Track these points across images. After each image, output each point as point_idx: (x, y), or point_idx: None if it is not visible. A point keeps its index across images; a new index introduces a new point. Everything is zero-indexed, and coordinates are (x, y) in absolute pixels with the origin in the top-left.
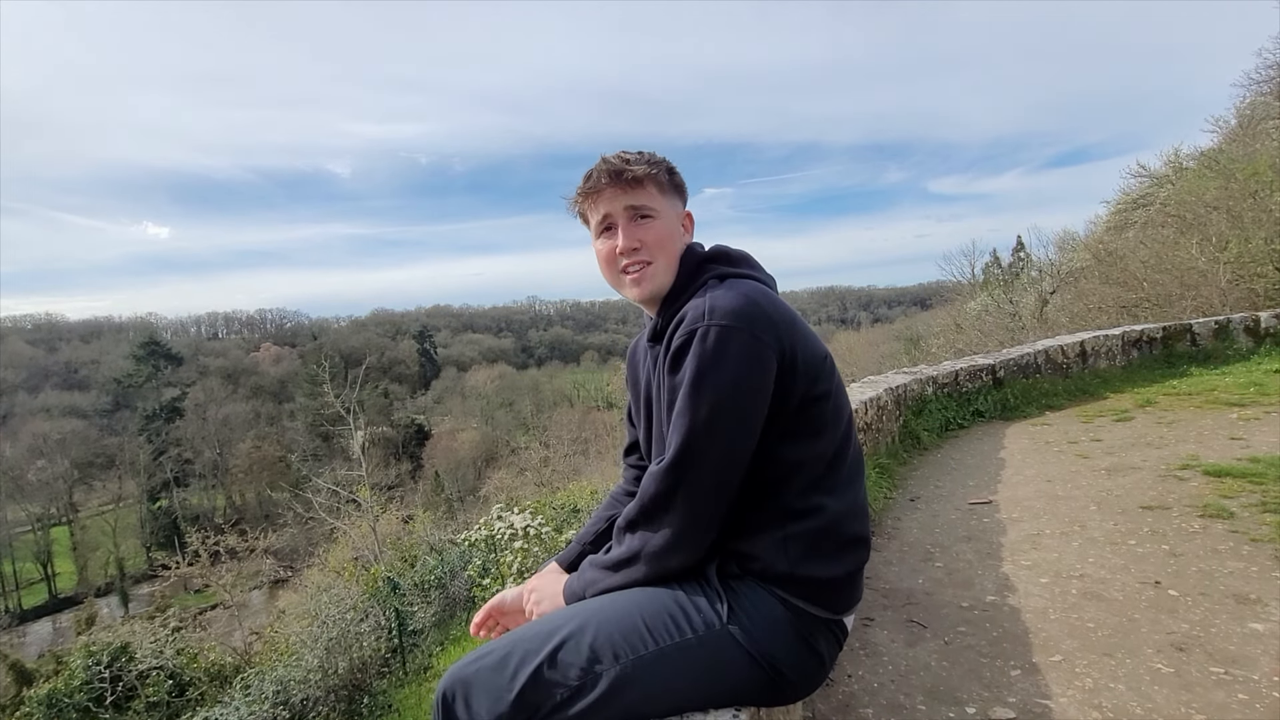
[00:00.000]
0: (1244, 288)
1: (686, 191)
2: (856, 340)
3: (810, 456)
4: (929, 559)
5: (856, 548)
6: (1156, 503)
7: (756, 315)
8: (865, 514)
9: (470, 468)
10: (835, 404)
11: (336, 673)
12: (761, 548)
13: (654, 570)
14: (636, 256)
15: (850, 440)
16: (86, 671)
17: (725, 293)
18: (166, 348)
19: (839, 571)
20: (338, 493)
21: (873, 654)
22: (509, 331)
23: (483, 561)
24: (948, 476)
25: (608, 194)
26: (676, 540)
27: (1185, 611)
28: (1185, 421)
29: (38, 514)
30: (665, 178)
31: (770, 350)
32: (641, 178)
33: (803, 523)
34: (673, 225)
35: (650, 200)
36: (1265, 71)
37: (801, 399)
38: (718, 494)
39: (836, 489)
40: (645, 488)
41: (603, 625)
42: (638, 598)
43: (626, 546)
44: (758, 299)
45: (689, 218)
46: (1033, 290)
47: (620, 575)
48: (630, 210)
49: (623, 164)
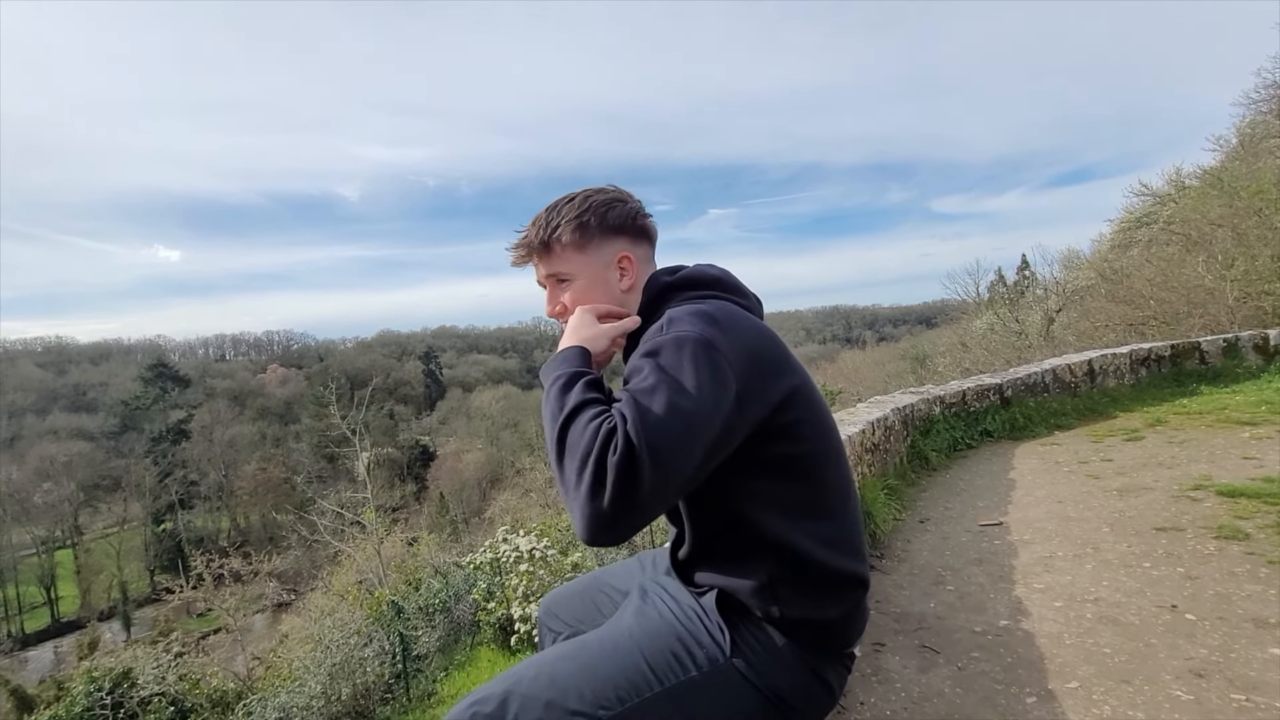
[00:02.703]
0: (1251, 305)
1: (630, 225)
2: (862, 359)
3: (781, 489)
4: (940, 582)
5: (849, 586)
6: (1170, 524)
7: (715, 329)
8: (856, 548)
9: (475, 489)
10: (811, 432)
11: (340, 699)
12: (748, 593)
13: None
14: (564, 319)
15: (835, 469)
16: (88, 698)
17: (684, 309)
18: (174, 370)
19: (834, 614)
20: (342, 515)
21: (884, 680)
22: (514, 352)
23: (488, 585)
24: (957, 498)
25: (534, 262)
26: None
27: (1203, 636)
28: (1197, 441)
29: (42, 537)
30: (579, 233)
31: (729, 364)
32: (550, 243)
33: (785, 562)
34: (593, 281)
35: (563, 264)
36: (1265, 91)
37: (765, 424)
38: (663, 472)
39: (819, 524)
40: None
41: (604, 668)
42: (638, 637)
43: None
44: (715, 314)
45: (627, 258)
46: (1038, 308)
47: (553, 423)
48: (549, 278)
49: (534, 233)
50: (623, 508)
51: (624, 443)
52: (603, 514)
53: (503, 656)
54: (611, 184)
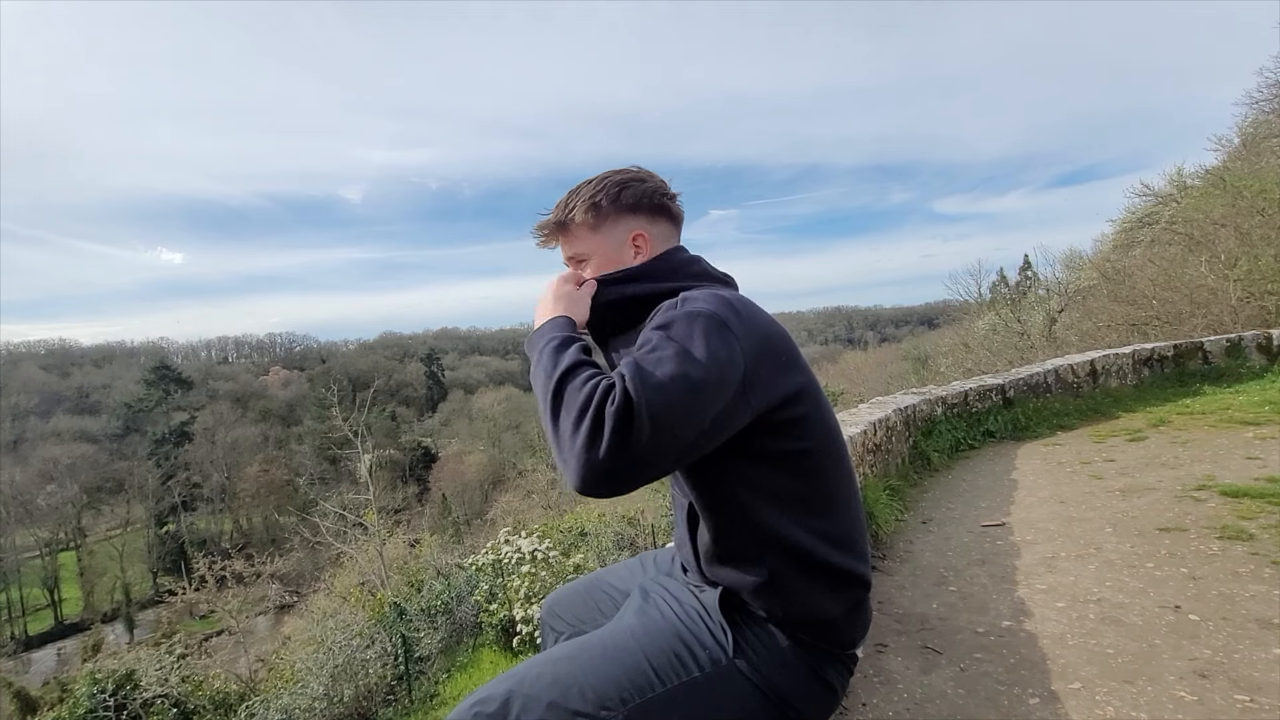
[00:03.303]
0: (1255, 305)
1: (646, 203)
2: (864, 360)
3: (783, 485)
4: (942, 583)
5: (851, 583)
6: (1173, 524)
7: (730, 313)
8: (858, 547)
9: (477, 490)
10: (816, 430)
11: (342, 700)
12: (751, 590)
13: (564, 446)
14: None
15: (838, 468)
16: (91, 700)
17: (700, 291)
18: (177, 372)
19: (835, 611)
20: (344, 516)
21: (887, 681)
22: (516, 353)
23: (490, 586)
24: (959, 498)
25: (556, 242)
26: (590, 442)
27: (1207, 637)
28: (1200, 441)
29: (46, 539)
30: (591, 214)
31: (739, 346)
32: (567, 223)
33: (784, 557)
34: (606, 260)
35: (581, 245)
36: (1267, 90)
37: (769, 415)
38: (663, 434)
39: (821, 520)
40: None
41: (607, 668)
42: (640, 637)
43: (565, 418)
44: (732, 300)
45: (641, 236)
46: (1041, 309)
47: (547, 379)
48: (570, 260)
49: (553, 214)
50: (621, 460)
51: (622, 396)
52: (597, 463)
53: (505, 658)
54: (634, 165)
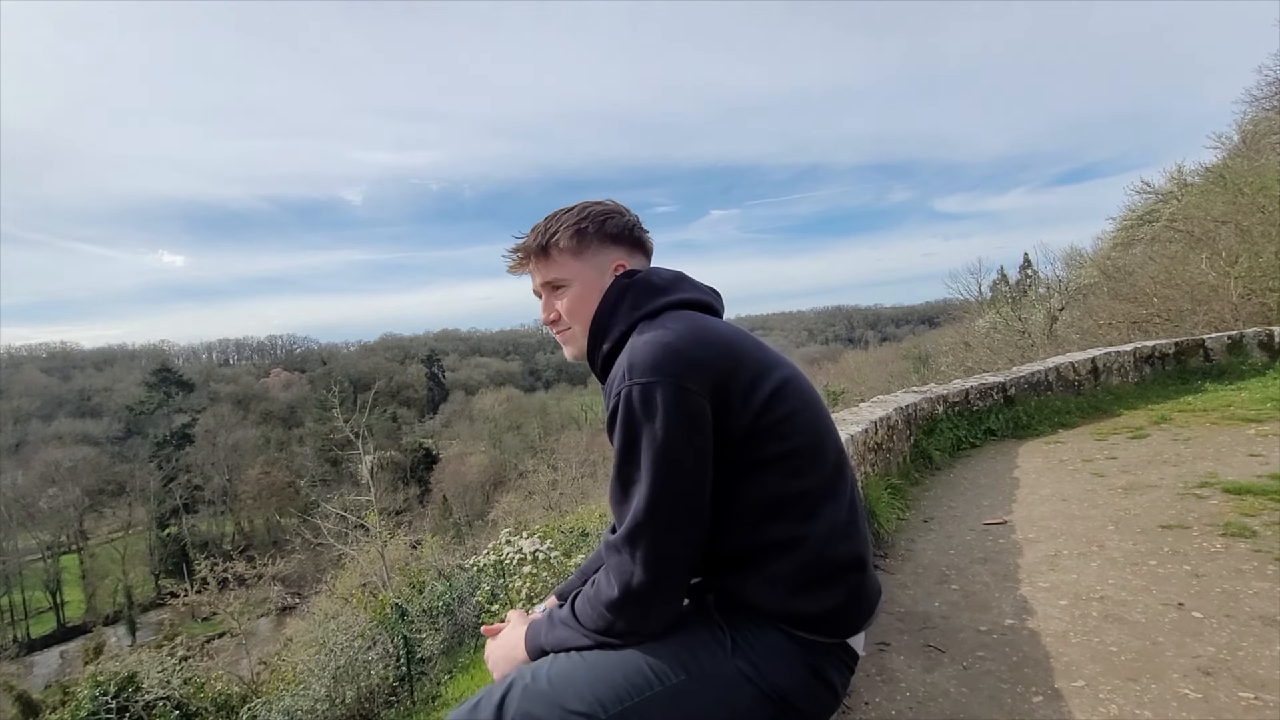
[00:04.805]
0: (1256, 302)
1: (627, 236)
2: (864, 359)
3: (776, 486)
4: (945, 581)
5: (849, 571)
6: (1176, 522)
7: (677, 362)
8: (854, 532)
9: (478, 491)
10: (800, 424)
11: (344, 702)
12: (750, 589)
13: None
14: (557, 327)
15: (826, 458)
16: (93, 702)
17: (642, 341)
18: (178, 375)
19: (834, 601)
20: (346, 518)
21: (889, 680)
22: (516, 354)
23: (491, 587)
24: (961, 496)
25: (531, 267)
26: (645, 609)
27: (1210, 634)
28: (1202, 438)
29: (48, 542)
30: (576, 239)
31: (699, 396)
32: (549, 247)
33: (784, 558)
34: (588, 287)
35: (561, 270)
36: (1267, 88)
37: (751, 430)
38: (676, 556)
39: (815, 515)
40: (608, 561)
41: (605, 668)
42: None
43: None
44: (674, 343)
45: (622, 267)
46: (1041, 307)
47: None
48: (546, 285)
49: (532, 238)
50: (654, 598)
51: (611, 583)
52: (655, 620)
53: None
54: (609, 198)
